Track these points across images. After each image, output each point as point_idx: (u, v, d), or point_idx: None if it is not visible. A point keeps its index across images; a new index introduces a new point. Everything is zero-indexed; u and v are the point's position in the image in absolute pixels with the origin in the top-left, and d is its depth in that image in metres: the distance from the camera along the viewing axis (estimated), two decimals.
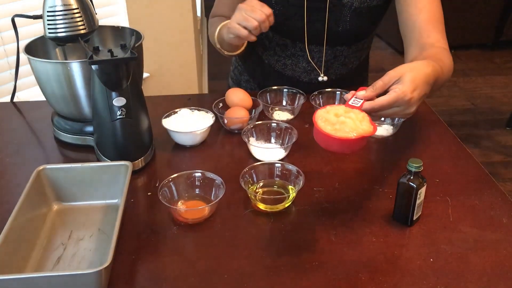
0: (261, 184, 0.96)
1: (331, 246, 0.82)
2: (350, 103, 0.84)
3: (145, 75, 2.26)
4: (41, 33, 1.05)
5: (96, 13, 1.06)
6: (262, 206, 0.91)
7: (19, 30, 1.16)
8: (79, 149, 1.09)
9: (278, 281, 0.75)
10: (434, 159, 1.05)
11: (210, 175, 0.92)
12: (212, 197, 0.91)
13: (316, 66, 1.28)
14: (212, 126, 1.11)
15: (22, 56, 1.08)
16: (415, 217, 0.86)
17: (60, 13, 0.99)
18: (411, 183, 0.83)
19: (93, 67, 0.92)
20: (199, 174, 0.93)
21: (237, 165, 1.01)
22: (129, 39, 0.98)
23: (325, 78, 1.29)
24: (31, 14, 1.09)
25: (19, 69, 1.23)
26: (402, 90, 0.82)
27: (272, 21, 1.06)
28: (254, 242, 0.83)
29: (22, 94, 1.86)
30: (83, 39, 1.01)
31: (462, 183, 0.98)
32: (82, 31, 1.02)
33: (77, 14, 1.00)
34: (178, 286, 0.75)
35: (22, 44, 1.08)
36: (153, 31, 2.16)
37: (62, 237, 0.85)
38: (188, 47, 2.30)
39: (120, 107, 0.95)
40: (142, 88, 1.05)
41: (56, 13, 0.99)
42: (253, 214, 0.90)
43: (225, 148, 1.11)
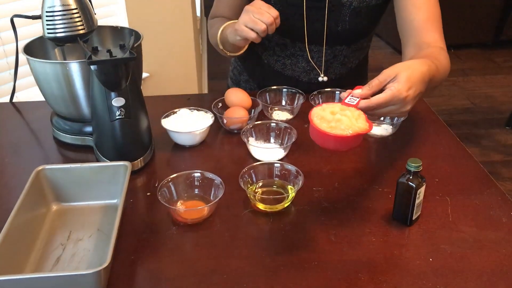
0: (261, 184, 0.96)
1: (331, 246, 0.82)
2: (346, 101, 0.84)
3: (145, 75, 2.26)
4: (40, 33, 1.05)
5: (95, 13, 1.06)
6: (262, 206, 0.91)
7: (18, 30, 1.16)
8: (78, 149, 1.09)
9: (278, 281, 0.75)
10: (434, 159, 1.05)
11: (210, 175, 0.92)
12: (212, 197, 0.91)
13: (316, 66, 1.28)
14: (212, 126, 1.11)
15: (21, 57, 1.08)
16: (415, 217, 0.86)
17: (59, 13, 0.99)
18: (411, 183, 0.83)
19: (92, 67, 0.92)
20: (198, 174, 0.93)
21: (237, 165, 1.01)
22: (128, 39, 0.98)
23: (325, 79, 1.29)
24: (30, 14, 1.09)
25: (18, 70, 1.23)
26: (398, 89, 0.82)
27: (279, 23, 1.06)
28: (254, 242, 0.83)
29: (21, 95, 1.86)
30: (82, 39, 1.01)
31: (462, 183, 0.98)
32: (81, 31, 1.02)
33: (76, 14, 1.00)
34: (178, 286, 0.75)
35: (21, 45, 1.08)
36: (153, 31, 2.16)
37: (61, 238, 0.85)
38: (188, 47, 2.30)
39: (119, 107, 0.95)
40: (142, 88, 1.05)
41: (55, 13, 0.99)
42: (253, 214, 0.90)
43: (225, 148, 1.11)
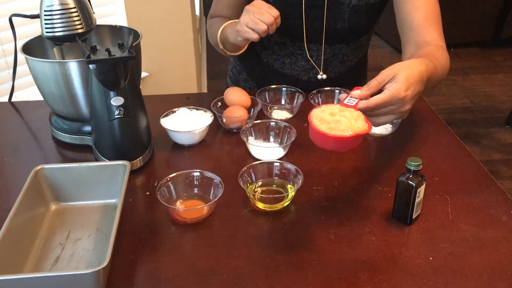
0: (260, 183, 0.95)
1: (330, 245, 0.82)
2: (345, 102, 0.83)
3: (144, 75, 2.26)
4: (39, 33, 1.05)
5: (94, 12, 1.06)
6: (261, 205, 0.90)
7: (17, 30, 1.15)
8: (77, 149, 1.09)
9: (277, 281, 0.75)
10: (433, 158, 1.05)
11: (209, 175, 0.92)
12: (211, 197, 0.91)
13: (315, 65, 1.28)
14: (211, 125, 1.10)
15: (20, 56, 1.08)
16: (415, 216, 0.86)
17: (58, 13, 0.99)
18: (410, 182, 0.82)
19: (91, 67, 0.92)
20: (198, 174, 0.93)
21: (236, 164, 1.00)
22: (127, 38, 0.98)
23: (324, 76, 1.29)
24: (29, 14, 1.08)
25: (17, 69, 1.23)
26: (396, 89, 0.82)
27: (279, 23, 1.06)
28: (253, 242, 0.83)
29: (20, 94, 1.86)
30: (81, 39, 1.01)
31: (462, 182, 0.97)
32: (80, 31, 1.01)
33: (75, 14, 1.00)
34: (177, 286, 0.75)
35: (20, 44, 1.08)
36: (152, 31, 2.15)
37: (60, 237, 0.85)
38: (187, 46, 2.30)
39: (118, 107, 0.95)
40: (141, 88, 1.05)
41: (54, 13, 0.99)
42: (252, 214, 0.90)
43: (224, 148, 1.11)
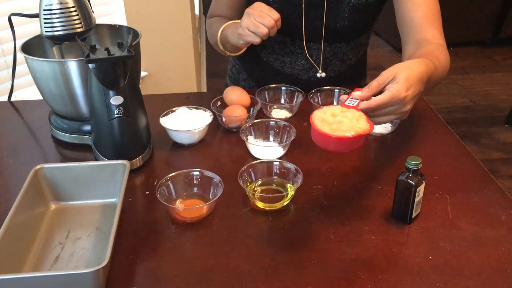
0: (260, 183, 0.95)
1: (330, 244, 0.82)
2: (346, 104, 0.84)
3: (144, 74, 2.26)
4: (38, 32, 1.05)
5: (93, 12, 1.06)
6: (261, 205, 0.90)
7: (16, 29, 1.15)
8: (77, 148, 1.09)
9: (277, 280, 0.75)
10: (433, 157, 1.05)
11: (208, 174, 0.92)
12: (211, 196, 0.91)
13: (315, 64, 1.28)
14: (210, 125, 1.10)
15: (19, 55, 1.08)
16: (414, 215, 0.86)
17: (57, 12, 0.99)
18: (410, 181, 0.82)
19: (90, 66, 0.92)
20: (197, 173, 0.93)
21: (236, 164, 1.00)
22: (126, 38, 0.98)
23: (323, 74, 1.29)
24: (28, 13, 1.08)
25: (16, 68, 1.23)
26: (397, 89, 0.83)
27: (280, 25, 1.07)
28: (253, 241, 0.83)
29: (20, 94, 1.86)
30: (80, 38, 1.01)
31: (461, 181, 0.98)
32: (79, 30, 1.01)
33: (74, 13, 1.00)
34: (177, 285, 0.75)
35: (19, 43, 1.08)
36: (151, 30, 2.15)
37: (60, 237, 0.85)
38: (187, 46, 2.29)
39: (118, 106, 0.95)
40: (141, 87, 1.05)
41: (53, 12, 0.98)
42: (252, 213, 0.90)
43: (224, 147, 1.11)
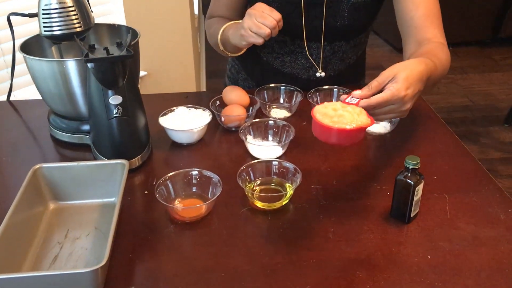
0: (259, 182, 0.95)
1: (329, 244, 0.82)
2: (347, 101, 0.85)
3: (143, 74, 2.25)
4: (37, 32, 1.05)
5: (92, 11, 1.06)
6: (260, 204, 0.90)
7: (15, 29, 1.15)
8: (76, 148, 1.09)
9: (276, 279, 0.75)
10: (432, 156, 1.05)
11: (207, 173, 0.92)
12: (209, 195, 0.91)
13: (315, 63, 1.28)
14: (209, 124, 1.10)
15: (18, 55, 1.08)
16: (413, 214, 0.86)
17: (56, 11, 0.99)
18: (409, 180, 0.82)
19: (89, 65, 0.91)
20: (196, 172, 0.93)
21: (235, 163, 1.00)
22: (125, 37, 0.98)
23: (323, 74, 1.29)
24: (27, 13, 1.08)
25: (15, 68, 1.23)
26: (397, 88, 0.84)
27: (281, 26, 1.07)
28: (252, 240, 0.83)
29: (19, 93, 1.85)
30: (79, 37, 1.01)
31: (460, 180, 0.98)
32: (78, 29, 1.01)
33: (73, 12, 1.00)
34: (176, 285, 0.75)
35: (18, 43, 1.08)
36: (150, 29, 2.15)
37: (59, 236, 0.85)
38: (186, 45, 2.29)
39: (117, 105, 0.95)
40: (140, 87, 1.05)
41: (52, 11, 0.98)
42: (251, 212, 0.90)
43: (222, 146, 1.11)
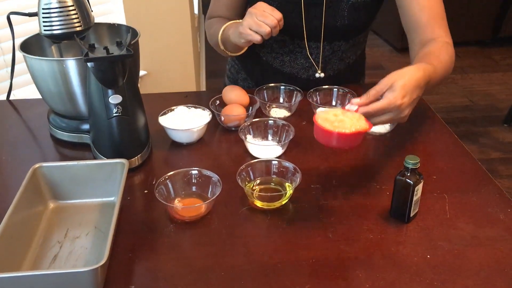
0: (258, 182, 0.95)
1: (328, 243, 0.82)
2: (346, 108, 0.89)
3: (142, 73, 2.25)
4: (37, 31, 1.05)
5: (92, 11, 1.06)
6: (259, 204, 0.90)
7: (15, 28, 1.15)
8: (75, 147, 1.09)
9: (275, 279, 0.75)
10: (431, 156, 1.05)
11: (207, 173, 0.92)
12: (209, 195, 0.91)
13: (314, 62, 1.28)
14: (209, 124, 1.10)
15: (18, 54, 1.08)
16: (412, 214, 0.86)
17: (56, 11, 0.99)
18: (408, 180, 0.83)
19: (89, 65, 0.91)
20: (196, 172, 0.93)
21: (234, 163, 1.01)
22: (125, 37, 0.98)
23: (322, 75, 1.29)
24: (27, 12, 1.08)
25: (15, 67, 1.23)
26: (394, 97, 0.86)
27: (282, 25, 1.07)
28: (251, 240, 0.83)
29: (18, 92, 1.85)
30: (79, 37, 1.01)
31: (460, 180, 0.98)
32: (78, 29, 1.01)
33: (73, 12, 1.00)
34: (175, 284, 0.75)
35: (18, 42, 1.08)
36: (150, 29, 2.15)
37: (58, 235, 0.85)
38: (186, 45, 2.29)
39: (116, 105, 0.95)
40: (140, 86, 1.05)
41: (52, 11, 0.99)
42: (250, 212, 0.90)
43: (222, 146, 1.11)
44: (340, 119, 0.84)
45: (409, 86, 0.88)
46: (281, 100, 1.25)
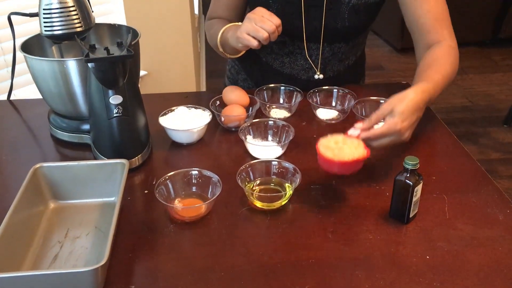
0: (258, 182, 0.96)
1: (328, 244, 0.82)
2: (349, 133, 0.94)
3: (143, 73, 2.26)
4: (38, 31, 1.05)
5: (93, 11, 1.06)
6: (259, 204, 0.91)
7: (16, 28, 1.15)
8: (76, 147, 1.09)
9: (275, 279, 0.76)
10: (431, 157, 1.05)
11: (207, 173, 0.92)
12: (209, 195, 0.91)
13: (314, 64, 1.28)
14: (209, 124, 1.11)
15: (19, 54, 1.08)
16: (412, 215, 0.86)
17: (56, 11, 0.99)
18: (408, 181, 0.83)
19: (90, 65, 0.92)
20: (196, 172, 0.93)
21: (234, 163, 1.01)
22: (126, 37, 0.98)
23: (321, 76, 1.29)
24: (28, 12, 1.09)
25: (16, 67, 1.23)
26: (393, 122, 0.91)
27: (281, 31, 1.07)
28: (251, 240, 0.83)
29: (19, 92, 1.86)
30: (80, 37, 1.01)
31: (459, 181, 0.98)
32: (79, 29, 1.02)
33: (73, 12, 1.00)
34: (175, 284, 0.75)
35: (19, 42, 1.08)
36: (151, 29, 2.15)
37: (59, 235, 0.85)
38: (186, 45, 2.30)
39: (117, 105, 0.95)
40: (140, 86, 1.05)
41: (52, 11, 0.99)
42: (250, 212, 0.90)
43: (222, 146, 1.11)
44: (340, 147, 0.90)
45: (408, 111, 0.92)
46: (281, 101, 1.25)
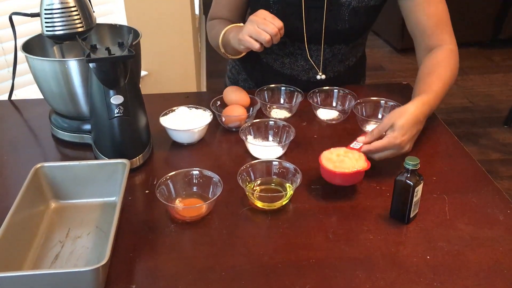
0: (259, 182, 0.96)
1: (328, 244, 0.82)
2: (351, 146, 0.97)
3: (143, 73, 2.26)
4: (39, 31, 1.05)
5: (94, 11, 1.06)
6: (260, 204, 0.91)
7: (17, 28, 1.16)
8: (77, 147, 1.10)
9: (276, 279, 0.76)
10: (432, 157, 1.05)
11: (208, 173, 0.93)
12: (210, 195, 0.91)
13: (315, 65, 1.28)
14: (210, 124, 1.11)
15: (20, 54, 1.08)
16: (412, 215, 0.86)
17: (58, 11, 0.99)
18: (408, 181, 0.83)
19: (91, 65, 0.92)
20: (197, 172, 0.93)
21: (235, 163, 1.01)
22: (127, 37, 0.98)
23: (323, 77, 1.29)
24: (29, 12, 1.09)
25: (17, 67, 1.23)
26: (393, 136, 0.94)
27: (283, 33, 1.07)
28: (252, 240, 0.84)
29: (20, 92, 1.86)
30: (81, 37, 1.01)
31: (459, 181, 0.98)
32: (80, 29, 1.02)
33: (75, 12, 1.00)
34: (176, 284, 0.75)
35: (20, 42, 1.08)
36: (151, 29, 2.16)
37: (60, 235, 0.85)
38: (187, 45, 2.30)
39: (118, 105, 0.95)
40: (141, 87, 1.06)
41: (54, 11, 0.99)
42: (251, 212, 0.90)
43: (223, 146, 1.11)
44: (341, 160, 0.93)
45: (408, 125, 0.95)
46: (282, 101, 1.25)
